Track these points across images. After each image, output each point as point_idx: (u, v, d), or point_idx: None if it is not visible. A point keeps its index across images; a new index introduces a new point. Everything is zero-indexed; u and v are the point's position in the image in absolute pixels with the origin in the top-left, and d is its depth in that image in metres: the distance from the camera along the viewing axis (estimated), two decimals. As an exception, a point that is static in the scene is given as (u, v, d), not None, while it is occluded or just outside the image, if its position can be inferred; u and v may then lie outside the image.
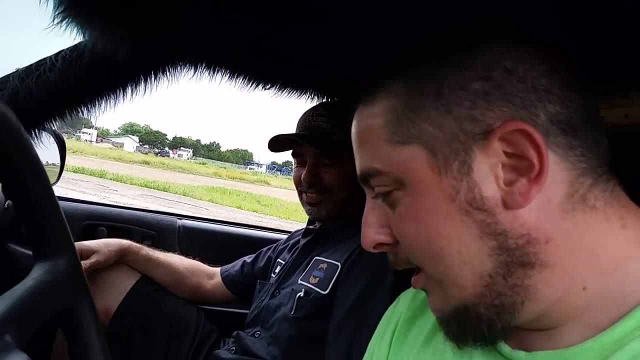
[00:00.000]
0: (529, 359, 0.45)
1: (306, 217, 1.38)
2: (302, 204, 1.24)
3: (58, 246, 0.47)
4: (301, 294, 1.11)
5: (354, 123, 0.52)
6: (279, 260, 1.35)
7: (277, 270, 1.30)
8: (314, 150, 1.18)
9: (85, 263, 1.16)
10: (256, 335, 1.16)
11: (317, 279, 1.12)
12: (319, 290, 1.09)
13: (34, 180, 0.42)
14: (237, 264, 1.44)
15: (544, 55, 0.44)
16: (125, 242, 1.30)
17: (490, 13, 0.50)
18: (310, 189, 1.19)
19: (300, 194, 1.24)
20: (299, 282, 1.15)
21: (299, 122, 1.26)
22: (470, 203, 0.43)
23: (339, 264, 1.10)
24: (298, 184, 1.23)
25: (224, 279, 1.42)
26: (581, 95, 0.44)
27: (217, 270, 1.45)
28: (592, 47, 0.55)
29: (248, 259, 1.45)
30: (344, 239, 1.15)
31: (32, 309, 0.42)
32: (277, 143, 1.23)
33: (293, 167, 1.29)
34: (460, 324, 0.46)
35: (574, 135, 0.43)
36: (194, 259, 1.43)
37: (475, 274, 0.43)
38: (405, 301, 0.64)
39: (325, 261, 1.14)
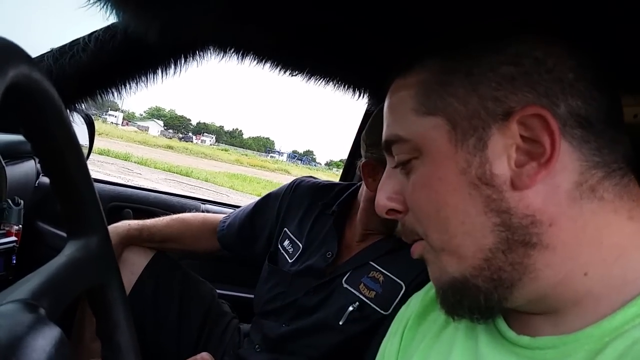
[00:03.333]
0: (533, 343, 0.45)
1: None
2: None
3: (91, 224, 0.48)
4: (354, 307, 0.99)
5: (388, 95, 0.54)
6: (287, 232, 1.21)
7: (288, 249, 1.18)
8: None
9: None
10: (284, 326, 1.08)
11: (373, 292, 1.00)
12: (378, 309, 0.98)
13: (71, 158, 0.42)
14: (235, 221, 1.30)
15: (574, 52, 0.46)
16: (121, 229, 1.22)
17: (527, 8, 0.51)
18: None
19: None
20: (345, 285, 1.04)
21: None
22: (480, 178, 0.45)
23: (402, 283, 0.98)
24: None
25: (220, 238, 1.31)
26: (605, 95, 0.45)
27: (217, 223, 1.34)
28: (620, 48, 0.56)
29: (245, 213, 1.30)
30: (404, 254, 0.92)
31: (65, 284, 0.43)
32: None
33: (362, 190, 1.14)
34: (457, 294, 0.48)
35: (591, 130, 0.44)
36: None
37: (476, 247, 0.45)
38: (416, 300, 0.65)
39: (382, 272, 1.02)
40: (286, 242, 1.20)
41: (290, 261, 1.16)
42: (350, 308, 0.99)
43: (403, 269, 1.00)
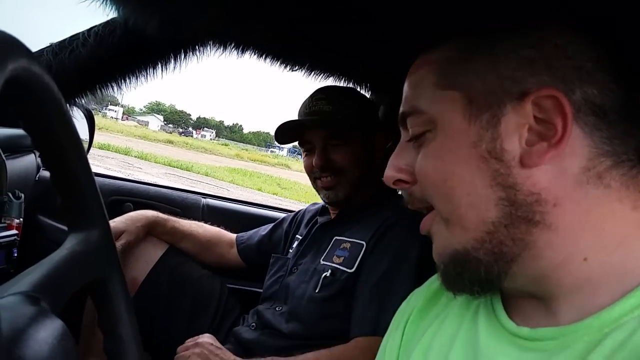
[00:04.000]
0: (533, 334, 0.46)
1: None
2: (318, 191, 1.24)
3: (92, 217, 0.48)
4: (327, 274, 1.11)
5: (410, 70, 0.56)
6: (297, 236, 1.35)
7: (294, 246, 1.32)
8: (321, 133, 1.18)
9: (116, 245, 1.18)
10: (277, 309, 1.18)
11: (342, 258, 1.12)
12: (344, 269, 1.10)
13: (72, 152, 0.43)
14: (254, 236, 1.45)
15: (596, 44, 0.47)
16: (151, 214, 1.33)
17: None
18: (323, 172, 1.19)
19: (314, 181, 1.24)
20: (322, 262, 1.15)
21: (299, 112, 1.25)
22: (490, 152, 0.46)
23: (363, 242, 1.11)
24: (310, 171, 1.23)
25: (240, 251, 1.44)
26: (623, 89, 0.46)
27: (231, 237, 1.47)
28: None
29: (264, 231, 1.45)
30: (365, 218, 1.16)
31: (66, 277, 0.43)
32: (284, 133, 1.23)
33: (302, 157, 1.28)
34: (458, 267, 0.49)
35: (604, 120, 0.45)
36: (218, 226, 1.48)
37: (479, 219, 0.47)
38: (418, 295, 0.66)
39: (348, 240, 1.15)
40: (295, 244, 1.32)
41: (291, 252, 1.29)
42: (324, 275, 1.10)
43: (363, 231, 1.14)
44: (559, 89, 0.44)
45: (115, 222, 1.24)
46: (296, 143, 1.28)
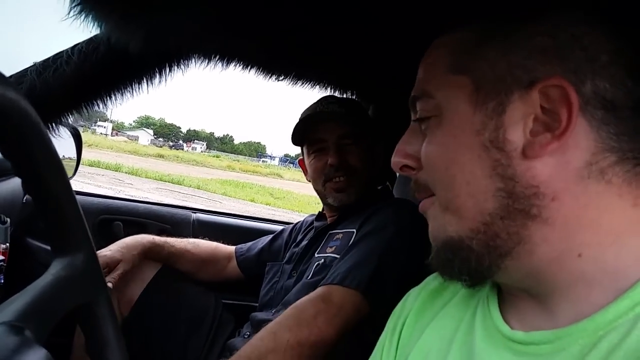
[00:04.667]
0: (527, 338, 0.45)
1: (318, 210, 1.38)
2: (328, 194, 1.23)
3: (76, 242, 0.47)
4: (319, 262, 1.13)
5: (426, 53, 0.55)
6: (294, 245, 1.36)
7: (290, 250, 1.33)
8: (337, 130, 1.20)
9: (113, 277, 1.16)
10: (272, 312, 1.17)
11: (334, 247, 1.14)
12: (335, 255, 1.11)
13: (52, 176, 0.42)
14: (253, 248, 1.45)
15: (613, 36, 0.45)
16: (146, 240, 1.31)
17: None
18: (337, 172, 1.20)
19: (323, 184, 1.23)
20: (316, 255, 1.17)
21: (308, 112, 1.26)
22: (492, 141, 0.45)
23: (354, 230, 1.12)
24: (322, 172, 1.23)
25: (239, 262, 1.44)
26: (637, 84, 0.45)
27: (233, 250, 1.47)
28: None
29: (264, 242, 1.45)
30: (357, 213, 1.18)
31: (51, 304, 0.42)
32: (299, 131, 1.24)
33: (308, 160, 1.28)
34: (449, 253, 0.49)
35: (613, 115, 0.43)
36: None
37: (476, 209, 0.46)
38: (414, 297, 0.65)
39: (340, 232, 1.17)
40: (289, 251, 1.33)
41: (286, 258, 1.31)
42: (316, 263, 1.12)
43: (353, 219, 1.16)
44: (569, 79, 0.43)
45: (112, 251, 1.22)
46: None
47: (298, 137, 1.27)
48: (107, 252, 1.21)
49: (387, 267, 0.98)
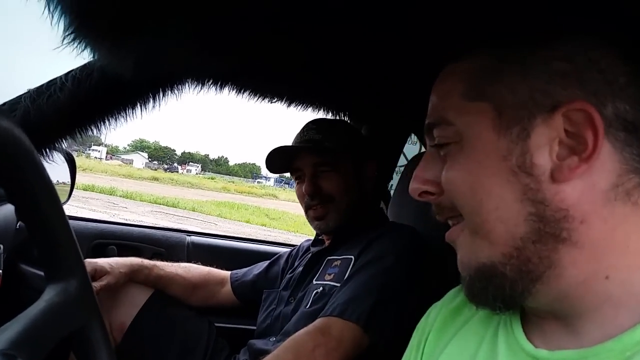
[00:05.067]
0: (551, 357, 0.45)
1: (314, 231, 1.38)
2: (310, 222, 1.25)
3: (69, 268, 0.47)
4: (318, 290, 1.11)
5: (438, 79, 0.55)
6: (290, 270, 1.35)
7: (288, 277, 1.31)
8: (310, 159, 1.20)
9: (95, 285, 1.16)
10: (270, 340, 1.15)
11: (332, 275, 1.12)
12: (334, 283, 1.09)
13: (46, 203, 0.42)
14: (249, 274, 1.44)
15: (630, 59, 0.46)
16: (135, 262, 1.31)
17: (587, 10, 0.51)
18: (313, 200, 1.20)
19: (306, 211, 1.25)
20: (314, 282, 1.15)
21: (292, 143, 1.28)
22: (520, 166, 0.45)
23: (352, 256, 1.11)
24: (301, 199, 1.25)
25: (235, 288, 1.42)
26: None
27: (227, 275, 1.45)
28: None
29: (259, 269, 1.44)
30: (355, 238, 1.17)
31: (45, 331, 0.42)
32: (274, 161, 1.25)
33: (295, 187, 1.30)
34: (484, 281, 0.48)
35: (635, 136, 0.44)
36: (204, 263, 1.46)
37: (507, 234, 0.46)
38: (436, 311, 0.65)
39: (338, 259, 1.16)
40: (286, 278, 1.32)
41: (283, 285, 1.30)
42: (315, 291, 1.10)
43: (351, 245, 1.15)
44: (591, 102, 0.44)
45: (101, 263, 1.22)
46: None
47: (277, 167, 1.29)
48: (96, 261, 1.22)
49: (388, 299, 0.97)
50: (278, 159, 1.25)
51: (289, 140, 1.30)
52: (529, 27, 0.50)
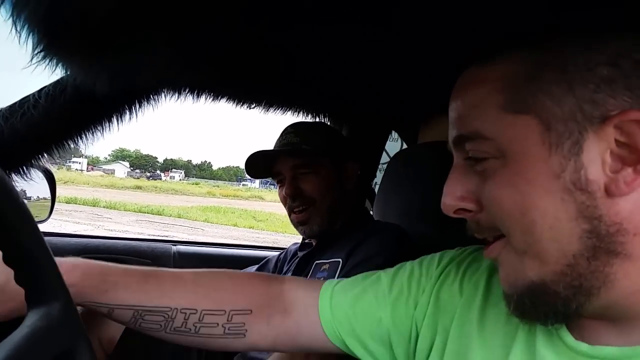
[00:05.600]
0: (592, 352, 0.45)
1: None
2: (295, 226, 1.25)
3: (51, 291, 0.46)
4: None
5: (460, 86, 0.52)
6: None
7: None
8: (290, 162, 1.21)
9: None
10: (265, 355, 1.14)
11: (321, 279, 1.12)
12: None
13: (21, 226, 0.41)
14: None
15: None
16: None
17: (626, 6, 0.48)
18: (294, 202, 1.21)
19: (289, 215, 1.25)
20: None
21: (273, 147, 1.28)
22: (574, 183, 0.43)
23: (339, 259, 1.12)
24: (284, 202, 1.25)
25: None
26: None
27: None
28: None
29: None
30: (342, 240, 1.17)
31: (30, 357, 0.41)
32: (253, 166, 1.26)
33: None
34: (534, 299, 0.46)
35: None
36: None
37: (560, 252, 0.44)
38: (449, 265, 0.65)
39: (326, 262, 1.16)
40: None
41: None
42: None
43: (338, 248, 1.15)
44: None
45: None
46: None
47: (257, 172, 1.29)
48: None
49: None
50: (258, 164, 1.25)
51: (272, 141, 1.30)
52: (563, 25, 0.47)
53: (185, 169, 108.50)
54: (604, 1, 0.47)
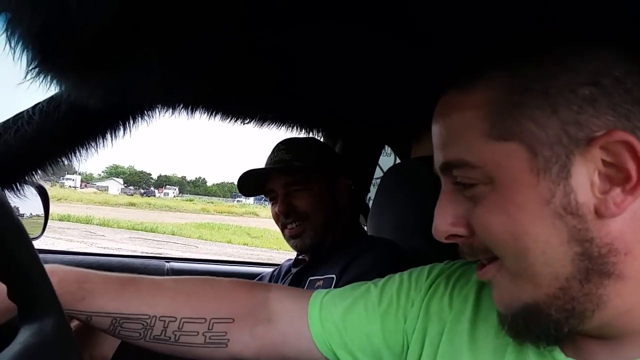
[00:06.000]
0: None
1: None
2: (287, 241, 1.25)
3: (44, 306, 0.46)
4: None
5: (441, 111, 0.51)
6: None
7: None
8: (281, 180, 1.21)
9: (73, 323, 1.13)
10: None
11: None
12: None
13: (13, 241, 0.41)
14: None
15: None
16: None
17: (603, 20, 0.48)
18: (287, 219, 1.21)
19: (282, 231, 1.25)
20: None
21: (265, 165, 1.28)
22: (565, 208, 0.43)
23: (334, 275, 1.12)
24: (277, 220, 1.25)
25: None
26: None
27: None
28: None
29: None
30: (336, 256, 1.17)
31: (21, 374, 0.41)
32: (246, 185, 1.26)
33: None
34: (527, 321, 0.46)
35: None
36: None
37: (553, 276, 0.44)
38: (438, 278, 0.65)
39: (320, 278, 1.16)
40: None
41: None
42: None
43: (332, 264, 1.15)
44: (626, 129, 0.41)
45: None
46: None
47: (250, 191, 1.29)
48: None
49: None
50: (250, 183, 1.26)
51: (265, 157, 1.31)
52: (538, 45, 0.47)
53: (180, 185, 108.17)
54: (577, 17, 0.47)
